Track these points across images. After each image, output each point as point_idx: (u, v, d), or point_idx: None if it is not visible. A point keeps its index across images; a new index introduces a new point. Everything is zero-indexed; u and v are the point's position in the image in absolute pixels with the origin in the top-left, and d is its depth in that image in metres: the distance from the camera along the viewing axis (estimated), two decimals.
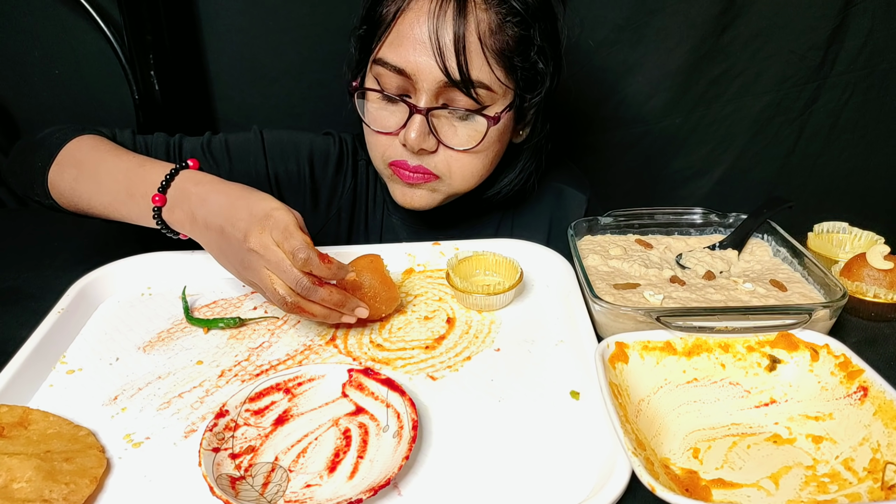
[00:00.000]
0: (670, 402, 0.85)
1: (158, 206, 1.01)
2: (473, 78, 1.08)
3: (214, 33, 1.65)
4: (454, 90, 1.09)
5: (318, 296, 0.90)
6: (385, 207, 1.42)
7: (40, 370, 0.93)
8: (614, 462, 0.73)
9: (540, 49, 1.13)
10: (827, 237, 1.23)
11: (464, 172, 1.18)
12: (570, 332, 0.99)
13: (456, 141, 1.14)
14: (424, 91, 1.09)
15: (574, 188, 1.43)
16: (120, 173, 1.06)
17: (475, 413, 0.85)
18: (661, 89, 1.79)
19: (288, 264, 0.88)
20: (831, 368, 0.84)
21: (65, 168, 1.10)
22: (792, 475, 0.75)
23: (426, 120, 1.11)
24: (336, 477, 0.75)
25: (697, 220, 1.21)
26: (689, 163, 1.92)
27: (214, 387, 0.91)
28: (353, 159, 1.38)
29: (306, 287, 0.89)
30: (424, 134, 1.11)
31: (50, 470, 0.72)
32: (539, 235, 1.40)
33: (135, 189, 1.03)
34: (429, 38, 1.06)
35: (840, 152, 1.90)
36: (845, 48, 1.74)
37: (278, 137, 1.31)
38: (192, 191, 0.99)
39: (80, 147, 1.12)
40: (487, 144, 1.16)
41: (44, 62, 1.65)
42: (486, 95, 1.11)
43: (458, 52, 1.05)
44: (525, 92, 1.16)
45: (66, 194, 1.10)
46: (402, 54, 1.08)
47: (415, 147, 1.12)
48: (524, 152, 1.30)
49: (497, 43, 1.08)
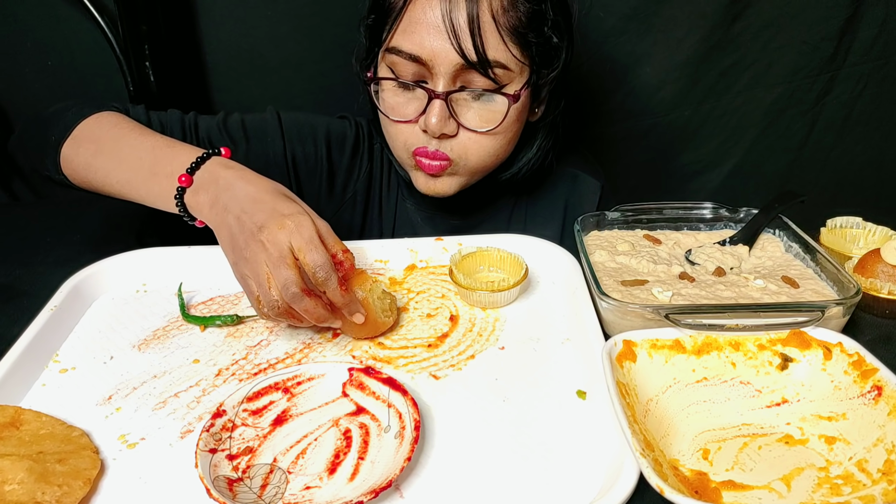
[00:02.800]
0: (679, 401, 0.85)
1: (184, 186, 0.99)
2: (490, 58, 1.08)
3: (211, 23, 1.65)
4: (471, 72, 1.09)
5: (301, 306, 0.88)
6: (399, 192, 1.42)
7: (32, 369, 0.93)
8: (622, 463, 0.73)
9: (554, 23, 1.14)
10: (840, 232, 1.23)
11: (480, 154, 1.19)
12: (577, 329, 0.99)
13: (476, 123, 1.15)
14: (441, 75, 1.10)
15: (589, 174, 1.44)
16: (145, 151, 1.05)
17: (479, 413, 0.85)
18: (670, 80, 1.78)
19: (287, 265, 0.87)
20: (845, 367, 0.84)
21: (82, 143, 1.10)
22: (804, 477, 0.75)
23: (446, 104, 1.11)
24: (336, 478, 0.75)
25: (707, 214, 1.21)
26: (698, 156, 1.91)
27: (211, 386, 0.91)
28: (370, 143, 1.39)
29: (293, 294, 0.87)
30: (445, 118, 1.12)
31: (42, 471, 0.72)
32: (554, 221, 1.41)
33: (159, 168, 1.02)
34: (442, 22, 1.06)
35: (854, 145, 1.89)
36: (859, 38, 1.73)
37: (295, 119, 1.32)
38: (221, 174, 0.98)
39: (101, 123, 1.11)
40: (508, 124, 1.16)
41: (36, 53, 1.65)
42: (504, 74, 1.11)
43: (474, 33, 1.06)
44: (541, 68, 1.17)
45: (79, 170, 1.10)
46: (417, 41, 1.08)
47: (436, 132, 1.13)
48: (540, 130, 1.30)
49: (511, 20, 1.09)
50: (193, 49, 1.66)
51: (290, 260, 0.87)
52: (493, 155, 1.21)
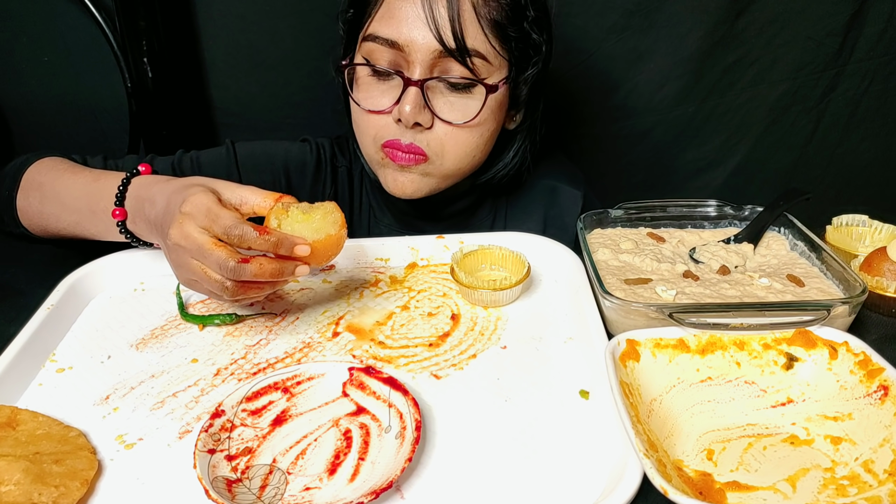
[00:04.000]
0: (683, 401, 0.85)
1: (121, 220, 1.02)
2: (469, 47, 1.08)
3: (210, 19, 1.64)
4: (449, 61, 1.09)
5: (248, 273, 0.86)
6: (372, 213, 1.42)
7: (29, 368, 0.93)
8: (625, 464, 0.73)
9: (534, 19, 1.14)
10: (846, 230, 1.23)
11: (457, 151, 1.17)
12: (580, 328, 0.99)
13: (452, 115, 1.13)
14: (419, 63, 1.09)
15: (567, 185, 1.42)
16: (78, 190, 1.08)
17: (481, 413, 0.85)
18: (673, 77, 1.78)
19: (209, 248, 0.86)
20: (850, 367, 0.84)
21: (29, 192, 1.13)
22: (810, 477, 0.75)
23: (421, 92, 1.11)
24: (336, 479, 0.75)
25: (711, 212, 1.21)
26: (702, 153, 1.91)
27: (210, 386, 0.91)
28: (332, 165, 1.38)
29: (232, 269, 0.86)
30: (420, 106, 1.11)
31: (39, 472, 0.72)
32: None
33: (95, 205, 1.05)
34: (422, 8, 1.06)
35: (859, 142, 1.89)
36: (865, 34, 1.73)
37: (251, 150, 1.32)
38: (143, 196, 1.00)
39: (40, 169, 1.14)
40: (484, 118, 1.15)
41: (32, 49, 1.64)
42: (482, 66, 1.11)
43: (453, 21, 1.06)
44: (520, 64, 1.17)
45: (34, 219, 1.13)
46: (395, 26, 1.08)
47: (410, 120, 1.11)
48: (518, 135, 1.30)
49: (491, 12, 1.09)
50: (191, 45, 1.66)
51: (208, 243, 0.86)
52: (469, 154, 1.19)
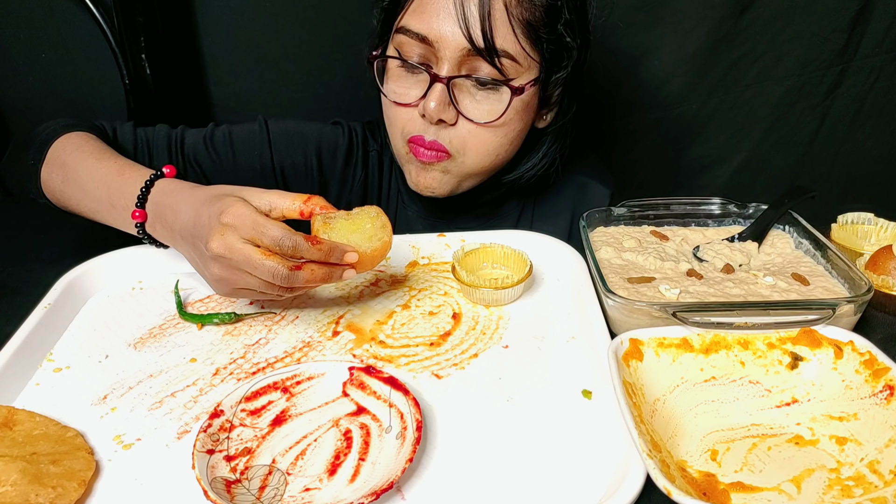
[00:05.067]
0: (687, 401, 0.85)
1: (140, 222, 1.02)
2: (498, 47, 1.08)
3: (209, 15, 1.65)
4: (477, 59, 1.09)
5: (300, 280, 0.88)
6: (400, 199, 1.42)
7: (26, 368, 0.93)
8: (628, 464, 0.73)
9: (567, 22, 1.13)
10: (851, 228, 1.23)
11: (479, 150, 1.18)
12: (582, 328, 0.99)
13: (477, 114, 1.14)
14: (447, 59, 1.09)
15: (598, 182, 1.42)
16: (100, 181, 1.07)
17: (482, 413, 0.85)
18: (678, 74, 1.78)
19: (258, 258, 0.86)
20: (856, 366, 0.84)
21: (53, 168, 1.12)
22: (815, 478, 0.75)
23: (447, 89, 1.11)
24: (336, 480, 0.75)
25: (715, 210, 1.21)
26: (706, 150, 1.91)
27: (209, 385, 0.90)
28: (364, 149, 1.37)
29: (285, 277, 0.86)
30: (444, 104, 1.11)
31: (36, 473, 0.72)
32: (559, 230, 1.39)
33: (115, 200, 1.05)
34: (453, 5, 1.06)
35: (865, 139, 1.89)
36: (870, 30, 1.73)
37: (284, 128, 1.31)
38: (165, 203, 1.00)
39: (66, 146, 1.13)
40: (509, 118, 1.15)
41: (29, 45, 1.64)
42: (511, 67, 1.11)
43: (483, 19, 1.06)
44: (551, 66, 1.16)
45: (56, 195, 1.13)
46: (426, 21, 1.09)
47: (434, 117, 1.12)
48: (548, 136, 1.29)
49: (524, 13, 1.09)
50: (190, 41, 1.66)
51: (256, 253, 0.86)
52: (492, 154, 1.20)
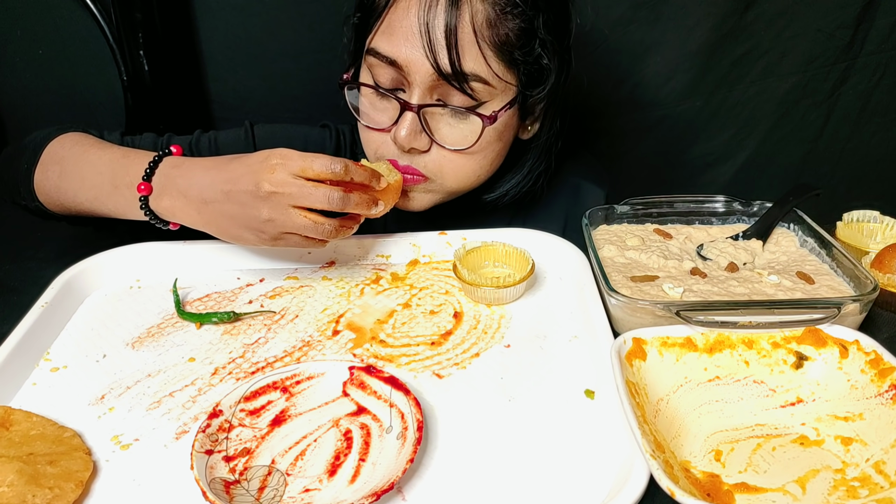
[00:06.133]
0: (691, 401, 0.85)
1: (145, 195, 1.02)
2: (467, 71, 1.05)
3: (207, 11, 1.64)
4: (448, 85, 1.07)
5: (352, 203, 0.96)
6: None
7: (23, 367, 0.93)
8: (631, 465, 0.73)
9: (543, 42, 1.10)
10: (857, 226, 1.22)
11: (457, 174, 1.16)
12: (585, 327, 0.99)
13: (450, 140, 1.12)
14: (417, 85, 1.07)
15: (592, 183, 1.41)
16: (103, 165, 1.07)
17: (484, 413, 0.85)
18: (681, 71, 1.77)
19: (311, 187, 0.93)
20: (861, 366, 0.84)
21: (48, 166, 1.12)
22: (820, 479, 0.75)
23: (418, 117, 1.09)
24: (336, 481, 0.75)
25: (719, 208, 1.21)
26: (710, 148, 1.91)
27: (207, 385, 0.90)
28: (352, 152, 1.37)
29: (341, 198, 0.95)
30: (415, 133, 1.10)
31: (33, 473, 0.72)
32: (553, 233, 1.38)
33: (119, 180, 1.04)
34: (419, 30, 1.03)
35: (871, 136, 1.88)
36: (876, 26, 1.72)
37: (270, 132, 1.31)
38: (175, 175, 1.01)
39: (63, 143, 1.13)
40: (484, 145, 1.13)
41: (26, 42, 1.64)
42: (483, 90, 1.08)
43: (450, 46, 1.03)
44: (528, 88, 1.13)
45: (51, 194, 1.12)
46: (395, 44, 1.06)
47: (405, 146, 1.11)
48: (531, 151, 1.26)
49: (495, 36, 1.05)
50: (188, 37, 1.66)
51: (309, 183, 0.94)
52: (471, 175, 1.18)
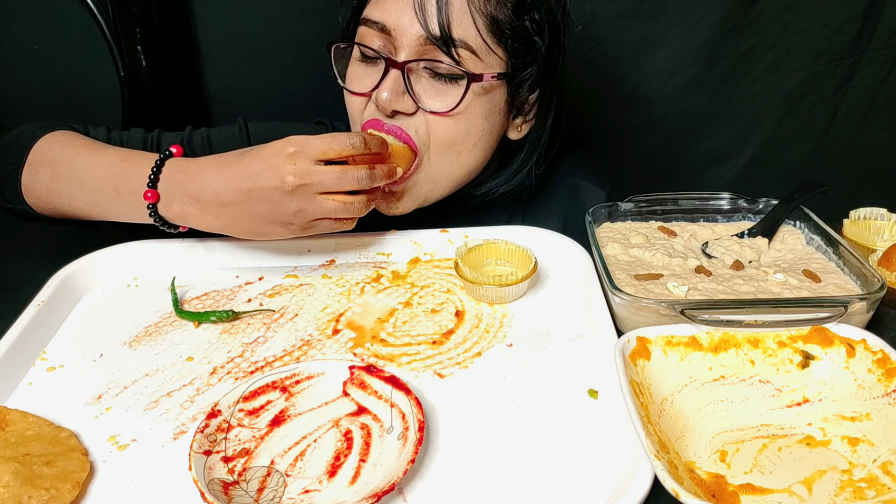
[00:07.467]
0: (695, 401, 0.85)
1: (152, 202, 1.02)
2: (456, 37, 1.07)
3: (205, 5, 1.64)
4: (435, 50, 1.08)
5: (380, 175, 1.01)
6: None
7: (19, 367, 0.93)
8: (635, 466, 0.73)
9: (536, 20, 1.11)
10: (864, 224, 1.22)
11: (440, 141, 1.14)
12: (588, 326, 0.99)
13: (435, 104, 1.11)
14: (404, 48, 1.08)
15: (592, 183, 1.40)
16: (101, 169, 1.06)
17: (486, 413, 0.85)
18: (685, 66, 1.77)
19: (339, 172, 0.96)
20: (868, 365, 0.84)
21: (38, 168, 1.10)
22: (826, 480, 0.75)
23: (403, 76, 1.09)
24: (336, 482, 0.75)
25: (725, 205, 1.20)
26: (715, 145, 1.91)
27: (206, 385, 0.90)
28: None
29: (369, 176, 0.99)
30: (398, 92, 1.09)
31: (29, 474, 0.72)
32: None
33: (122, 185, 1.04)
34: None
35: (878, 133, 1.88)
36: (883, 21, 1.72)
37: (264, 129, 1.32)
38: (181, 178, 1.01)
39: (52, 144, 1.12)
40: (468, 106, 1.12)
41: (22, 36, 1.64)
42: (470, 59, 1.09)
43: (441, 8, 1.05)
44: (516, 65, 1.14)
45: (43, 197, 1.11)
46: (386, 10, 1.08)
47: (387, 108, 1.10)
48: (523, 149, 1.27)
49: (488, 6, 1.08)
50: (186, 33, 1.66)
51: (332, 167, 0.97)
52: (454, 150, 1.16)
